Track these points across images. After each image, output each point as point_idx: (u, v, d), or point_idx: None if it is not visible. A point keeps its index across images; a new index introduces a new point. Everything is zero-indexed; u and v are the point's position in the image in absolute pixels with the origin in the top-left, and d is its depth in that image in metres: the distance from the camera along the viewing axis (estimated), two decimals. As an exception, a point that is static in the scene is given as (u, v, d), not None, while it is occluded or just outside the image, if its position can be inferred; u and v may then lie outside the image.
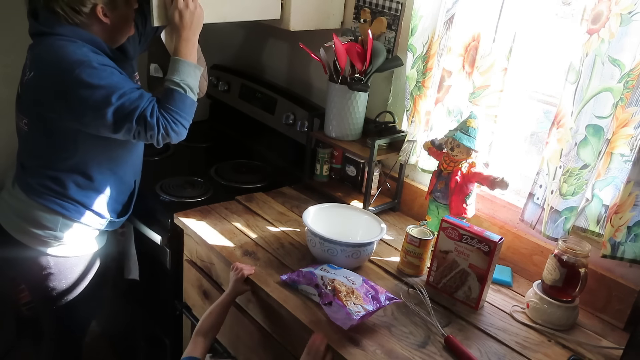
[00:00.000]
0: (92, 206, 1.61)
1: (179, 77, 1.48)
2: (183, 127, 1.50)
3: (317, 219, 1.60)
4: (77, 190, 1.58)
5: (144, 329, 2.15)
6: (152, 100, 1.45)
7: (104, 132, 1.46)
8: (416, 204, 1.86)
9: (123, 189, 1.69)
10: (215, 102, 2.59)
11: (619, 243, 1.34)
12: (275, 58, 2.38)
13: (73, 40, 1.44)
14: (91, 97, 1.40)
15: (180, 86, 1.48)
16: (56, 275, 1.64)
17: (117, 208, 1.70)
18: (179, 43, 1.50)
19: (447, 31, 1.60)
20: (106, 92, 1.40)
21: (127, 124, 1.42)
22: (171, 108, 1.46)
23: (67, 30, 1.45)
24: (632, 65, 1.25)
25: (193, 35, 1.51)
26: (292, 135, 2.14)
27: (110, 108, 1.40)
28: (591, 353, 1.32)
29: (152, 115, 1.43)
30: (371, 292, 1.36)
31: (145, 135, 1.45)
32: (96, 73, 1.40)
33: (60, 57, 1.41)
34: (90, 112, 1.42)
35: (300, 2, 1.81)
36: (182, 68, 1.49)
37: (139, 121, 1.42)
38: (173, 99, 1.47)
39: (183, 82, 1.49)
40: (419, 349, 1.27)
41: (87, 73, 1.39)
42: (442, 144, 1.63)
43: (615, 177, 1.36)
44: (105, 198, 1.64)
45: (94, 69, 1.40)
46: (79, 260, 1.67)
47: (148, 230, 1.82)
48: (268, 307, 1.45)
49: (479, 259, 1.40)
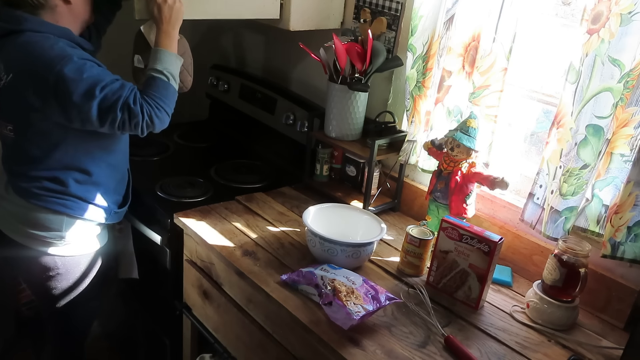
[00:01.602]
0: (94, 200, 1.61)
1: (161, 65, 1.51)
2: (166, 113, 1.51)
3: (317, 219, 1.60)
4: (78, 186, 1.57)
5: (144, 329, 2.15)
6: (133, 89, 1.46)
7: (88, 126, 1.46)
8: (416, 204, 1.86)
9: (119, 178, 1.70)
10: (215, 102, 2.59)
11: (619, 243, 1.34)
12: (275, 58, 2.38)
13: (46, 35, 1.43)
14: (75, 92, 1.40)
15: (162, 74, 1.51)
16: (63, 276, 1.65)
17: (118, 199, 1.71)
18: (159, 36, 1.54)
19: (447, 31, 1.60)
20: (89, 86, 1.40)
21: (111, 114, 1.43)
22: (154, 94, 1.48)
23: (35, 25, 1.44)
24: (632, 65, 1.25)
25: (172, 29, 1.54)
26: (292, 135, 2.14)
27: (95, 101, 1.40)
28: (591, 353, 1.32)
29: (136, 102, 1.44)
30: (371, 292, 1.36)
31: (130, 125, 1.45)
32: (77, 67, 1.40)
33: (39, 54, 1.40)
34: (75, 107, 1.42)
35: (300, 2, 1.81)
36: (163, 57, 1.52)
37: (123, 110, 1.43)
38: (156, 85, 1.49)
39: (166, 70, 1.51)
40: (419, 349, 1.27)
41: (68, 68, 1.39)
42: (442, 144, 1.63)
43: (615, 177, 1.36)
44: (105, 189, 1.64)
45: (75, 63, 1.40)
46: (83, 258, 1.67)
47: (148, 230, 1.82)
48: (268, 307, 1.45)
49: (479, 259, 1.40)
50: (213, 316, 1.70)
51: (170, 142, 2.34)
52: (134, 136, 1.53)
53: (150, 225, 1.83)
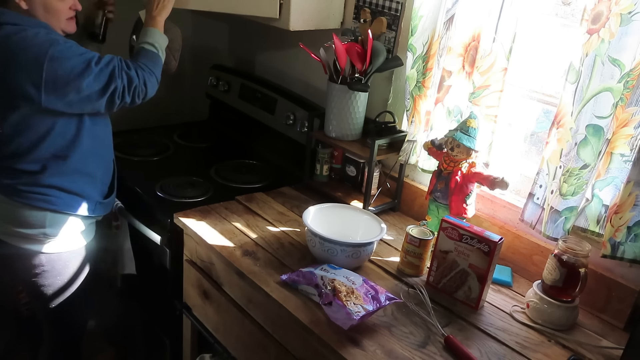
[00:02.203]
0: (79, 190, 1.61)
1: (150, 39, 1.64)
2: (156, 79, 1.62)
3: (317, 219, 1.60)
4: (63, 178, 1.57)
5: (144, 329, 2.15)
6: (121, 58, 1.55)
7: (87, 104, 1.50)
8: (416, 204, 1.86)
9: (105, 166, 1.70)
10: (215, 102, 2.59)
11: (619, 243, 1.34)
12: (276, 58, 2.38)
13: (23, 27, 1.44)
14: (73, 69, 1.44)
15: (151, 45, 1.63)
16: (50, 273, 1.64)
17: (103, 189, 1.71)
18: (148, 19, 1.68)
19: (447, 31, 1.60)
20: (84, 60, 1.46)
21: (113, 83, 1.49)
22: (143, 61, 1.60)
23: (12, 18, 1.45)
24: (632, 65, 1.25)
25: (159, 15, 1.68)
26: (292, 135, 2.14)
27: (92, 74, 1.46)
28: (591, 353, 1.32)
29: (130, 67, 1.54)
30: (371, 292, 1.36)
31: (129, 90, 1.53)
32: (67, 47, 1.45)
33: (26, 45, 1.42)
34: (74, 86, 1.44)
35: (299, 2, 1.81)
36: (151, 33, 1.66)
37: (122, 76, 1.51)
38: (145, 54, 1.62)
39: (155, 42, 1.64)
40: (419, 349, 1.27)
41: (58, 49, 1.43)
42: (442, 144, 1.63)
43: (615, 177, 1.36)
44: (91, 179, 1.64)
45: (62, 44, 1.45)
46: (69, 255, 1.67)
47: (148, 230, 1.82)
48: (268, 307, 1.45)
49: (479, 259, 1.40)
50: (213, 316, 1.70)
51: (170, 142, 2.34)
52: (134, 136, 1.54)
53: (150, 225, 1.83)
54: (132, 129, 2.32)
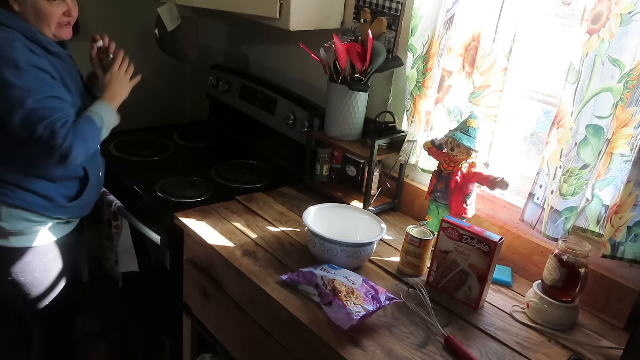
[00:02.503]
0: (33, 188, 1.58)
1: (103, 113, 1.58)
2: (84, 149, 1.52)
3: (317, 219, 1.60)
4: (14, 176, 1.56)
5: (144, 329, 2.15)
6: (67, 117, 1.48)
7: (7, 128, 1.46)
8: (416, 204, 1.86)
9: (68, 173, 1.64)
10: (215, 102, 2.59)
11: (619, 243, 1.34)
12: (275, 58, 2.38)
13: (7, 29, 1.44)
14: (8, 97, 1.41)
15: (100, 118, 1.56)
16: (23, 268, 1.63)
17: (68, 193, 1.66)
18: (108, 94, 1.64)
19: (447, 31, 1.60)
20: (22, 94, 1.41)
21: (32, 128, 1.42)
22: (83, 130, 1.51)
23: (1, 17, 1.45)
24: (632, 65, 1.25)
25: (113, 98, 1.64)
26: (292, 135, 2.14)
27: (20, 111, 1.41)
28: (591, 353, 1.32)
29: (63, 127, 1.45)
30: (371, 292, 1.36)
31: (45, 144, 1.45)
32: (17, 73, 1.41)
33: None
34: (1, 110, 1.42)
35: (299, 2, 1.81)
36: (105, 108, 1.60)
37: (46, 129, 1.43)
38: (89, 123, 1.54)
39: (105, 119, 1.58)
40: (419, 349, 1.27)
41: (9, 71, 1.40)
42: (442, 144, 1.63)
43: (615, 177, 1.36)
44: (47, 181, 1.60)
45: (16, 68, 1.41)
46: (41, 250, 1.65)
47: (148, 230, 1.82)
48: (268, 307, 1.45)
49: (479, 259, 1.40)
50: (213, 316, 1.70)
51: (170, 142, 2.34)
52: (134, 136, 1.53)
53: (150, 225, 1.83)
54: (132, 128, 2.31)
